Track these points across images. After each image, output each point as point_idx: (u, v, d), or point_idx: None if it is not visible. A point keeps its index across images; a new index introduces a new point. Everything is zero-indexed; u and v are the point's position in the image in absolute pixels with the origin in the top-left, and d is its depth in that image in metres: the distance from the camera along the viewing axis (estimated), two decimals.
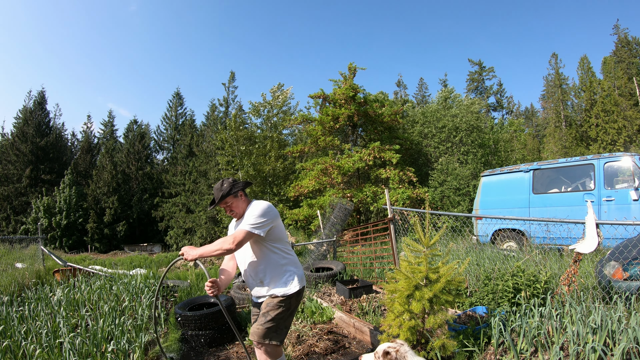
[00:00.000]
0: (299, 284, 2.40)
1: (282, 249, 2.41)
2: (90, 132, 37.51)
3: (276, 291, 2.35)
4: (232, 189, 2.39)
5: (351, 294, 5.09)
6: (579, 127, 27.55)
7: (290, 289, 2.35)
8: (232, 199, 2.43)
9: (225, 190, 2.40)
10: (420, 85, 44.61)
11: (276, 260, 2.38)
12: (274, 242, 2.37)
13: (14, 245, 8.94)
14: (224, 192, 2.39)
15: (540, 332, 2.64)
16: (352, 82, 15.17)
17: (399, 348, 1.86)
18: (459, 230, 6.59)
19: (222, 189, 2.40)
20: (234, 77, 32.63)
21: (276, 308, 2.32)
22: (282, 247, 2.42)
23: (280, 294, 2.34)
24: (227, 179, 2.45)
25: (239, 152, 18.72)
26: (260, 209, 2.31)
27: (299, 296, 2.46)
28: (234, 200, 2.44)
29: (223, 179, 2.45)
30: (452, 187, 14.92)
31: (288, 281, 2.37)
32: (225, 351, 3.75)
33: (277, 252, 2.38)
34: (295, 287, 2.37)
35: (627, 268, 3.24)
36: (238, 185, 2.43)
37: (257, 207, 2.33)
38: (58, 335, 3.25)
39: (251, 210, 2.32)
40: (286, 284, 2.36)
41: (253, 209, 2.33)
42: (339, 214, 9.34)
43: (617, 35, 29.73)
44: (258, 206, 2.34)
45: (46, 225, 24.70)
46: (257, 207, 2.33)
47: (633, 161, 5.99)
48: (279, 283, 2.37)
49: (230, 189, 2.39)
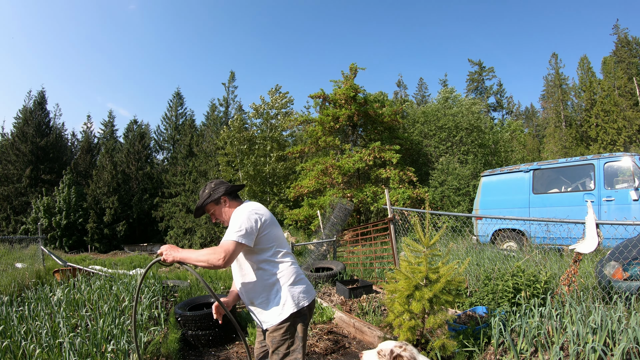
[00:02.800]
0: (294, 305, 1.93)
1: (275, 261, 1.98)
2: (90, 132, 37.53)
3: (271, 318, 1.94)
4: (212, 195, 2.06)
5: (351, 294, 5.09)
6: (579, 127, 27.56)
7: (286, 311, 1.92)
8: (213, 206, 2.08)
9: (204, 197, 2.08)
10: (420, 85, 44.67)
11: (267, 276, 1.96)
12: (263, 252, 1.96)
13: (14, 245, 8.95)
14: (202, 200, 2.07)
15: (540, 332, 2.64)
16: (353, 82, 15.19)
17: (406, 347, 1.85)
18: (459, 230, 6.59)
19: (202, 197, 2.09)
20: (234, 77, 32.69)
21: (281, 342, 1.93)
22: (276, 258, 1.99)
23: (277, 322, 1.92)
24: (210, 182, 2.13)
25: (239, 152, 18.73)
26: (244, 212, 1.93)
27: (304, 315, 1.99)
28: (216, 208, 2.08)
29: (207, 182, 2.14)
30: (452, 187, 14.92)
31: (283, 302, 1.93)
32: (225, 351, 3.75)
33: (266, 267, 1.96)
34: (290, 308, 1.92)
35: (627, 268, 3.24)
36: (219, 190, 2.07)
37: (241, 210, 1.96)
38: (58, 335, 3.25)
39: (234, 216, 1.94)
40: (281, 306, 1.93)
41: (236, 214, 1.95)
42: (339, 214, 9.34)
43: (617, 35, 29.75)
44: (243, 209, 1.96)
45: (46, 225, 24.70)
46: (241, 210, 1.96)
47: (633, 161, 5.99)
48: (272, 305, 1.95)
49: (209, 195, 2.07)
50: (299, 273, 2.05)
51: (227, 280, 7.20)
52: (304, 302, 1.98)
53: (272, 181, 19.27)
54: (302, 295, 1.99)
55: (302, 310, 1.96)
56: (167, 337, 3.60)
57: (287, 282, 1.96)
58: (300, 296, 1.98)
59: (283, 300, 1.93)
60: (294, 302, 1.94)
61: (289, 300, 1.93)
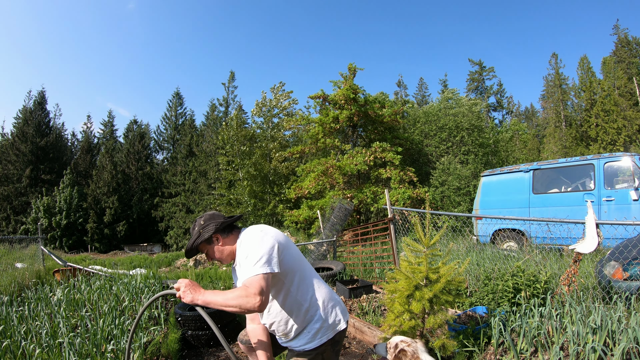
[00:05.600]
0: (327, 334, 1.73)
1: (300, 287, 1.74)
2: (90, 132, 37.56)
3: (304, 345, 1.74)
4: (201, 234, 1.75)
5: (351, 294, 5.09)
6: (579, 127, 27.56)
7: (317, 340, 1.72)
8: (205, 246, 1.78)
9: (194, 236, 1.77)
10: (420, 85, 44.74)
11: (296, 306, 1.72)
12: (286, 278, 1.71)
13: (14, 245, 8.94)
14: (192, 241, 1.77)
15: (540, 332, 2.64)
16: (352, 83, 15.19)
17: (411, 344, 1.84)
18: (459, 230, 6.59)
19: (192, 234, 1.80)
20: (233, 77, 32.71)
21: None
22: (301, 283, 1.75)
23: (311, 348, 1.73)
24: (200, 219, 1.81)
25: (239, 152, 18.73)
26: (253, 239, 1.66)
27: (336, 342, 1.80)
28: (209, 247, 1.78)
29: (196, 218, 1.83)
30: (452, 187, 14.92)
31: (315, 331, 1.73)
32: (225, 351, 3.75)
33: (294, 295, 1.72)
34: (322, 337, 1.72)
35: (627, 268, 3.24)
36: (208, 228, 1.75)
37: (249, 239, 1.68)
38: (58, 335, 3.25)
39: (244, 249, 1.66)
40: (313, 335, 1.73)
41: (245, 246, 1.67)
42: (339, 214, 9.34)
43: (617, 35, 29.75)
44: (249, 238, 1.68)
45: (46, 225, 24.71)
46: (249, 239, 1.68)
47: (633, 161, 5.99)
48: (305, 333, 1.74)
49: (198, 235, 1.76)
50: (332, 295, 1.84)
51: (227, 280, 7.19)
52: (339, 327, 1.78)
53: (273, 180, 19.25)
54: (338, 319, 1.79)
55: (337, 335, 1.78)
56: (167, 337, 3.60)
57: (321, 307, 1.75)
58: (337, 320, 1.78)
59: (317, 328, 1.72)
60: (329, 330, 1.74)
61: (323, 329, 1.72)
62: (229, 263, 1.84)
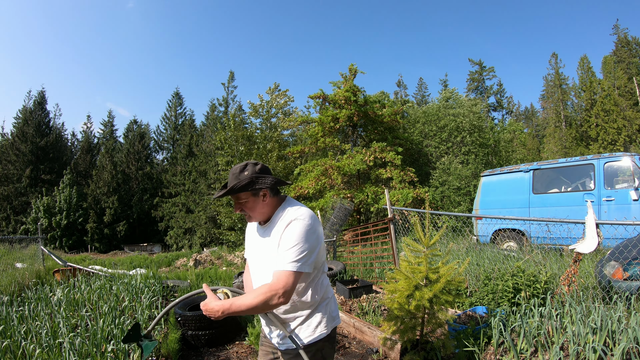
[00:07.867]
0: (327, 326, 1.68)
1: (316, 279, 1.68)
2: (90, 132, 37.55)
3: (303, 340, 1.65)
4: (251, 184, 1.59)
5: (351, 294, 5.09)
6: (579, 127, 27.56)
7: (317, 333, 1.65)
8: (248, 195, 1.62)
9: (243, 182, 1.59)
10: (420, 85, 44.72)
11: (305, 297, 1.65)
12: (312, 273, 1.62)
13: (14, 245, 8.94)
14: (239, 185, 1.58)
15: (540, 332, 2.64)
16: (352, 84, 15.18)
17: None
18: (459, 230, 6.59)
19: (239, 178, 1.60)
20: (233, 77, 32.64)
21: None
22: (318, 277, 1.69)
23: (309, 343, 1.64)
24: (255, 165, 1.65)
25: (238, 152, 18.72)
26: (303, 228, 1.52)
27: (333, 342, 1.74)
28: (250, 199, 1.63)
29: (248, 162, 1.67)
30: (453, 187, 14.92)
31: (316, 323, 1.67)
32: (225, 351, 3.75)
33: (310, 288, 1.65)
34: (322, 329, 1.66)
35: (627, 268, 3.24)
36: (264, 181, 1.61)
37: (299, 226, 1.53)
38: (58, 335, 3.25)
39: (291, 232, 1.53)
40: (314, 328, 1.66)
41: (294, 228, 1.53)
42: (339, 214, 9.33)
43: (617, 35, 29.78)
44: (300, 225, 1.53)
45: (46, 225, 24.71)
46: (299, 226, 1.53)
47: (633, 161, 5.99)
48: (304, 326, 1.67)
49: (249, 183, 1.58)
50: (330, 288, 1.79)
51: (227, 280, 7.20)
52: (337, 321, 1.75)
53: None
54: (335, 313, 1.74)
55: (332, 332, 1.72)
56: (167, 337, 3.60)
57: (324, 299, 1.71)
58: (334, 314, 1.73)
59: (318, 320, 1.66)
60: (328, 322, 1.70)
61: (324, 321, 1.68)
62: (256, 221, 1.72)
